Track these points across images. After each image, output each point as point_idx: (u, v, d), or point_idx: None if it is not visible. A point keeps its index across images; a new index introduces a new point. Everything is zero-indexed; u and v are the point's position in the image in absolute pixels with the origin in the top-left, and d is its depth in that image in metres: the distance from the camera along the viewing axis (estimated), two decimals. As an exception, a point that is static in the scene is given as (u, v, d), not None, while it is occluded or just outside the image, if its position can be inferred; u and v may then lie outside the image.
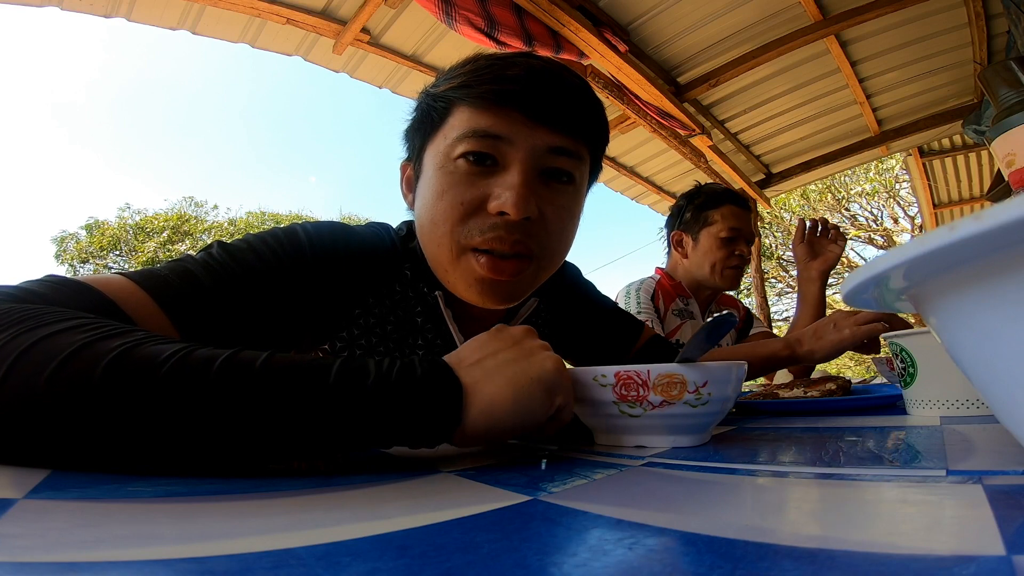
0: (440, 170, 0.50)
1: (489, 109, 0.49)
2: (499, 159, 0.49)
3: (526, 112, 0.49)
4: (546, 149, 0.50)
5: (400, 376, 0.31)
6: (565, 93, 0.51)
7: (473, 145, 0.49)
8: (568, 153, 0.51)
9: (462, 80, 0.50)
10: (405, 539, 0.18)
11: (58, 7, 1.73)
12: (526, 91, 0.49)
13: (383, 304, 0.58)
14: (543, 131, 0.49)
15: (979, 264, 0.18)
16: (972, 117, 2.37)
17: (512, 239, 0.49)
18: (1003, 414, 0.22)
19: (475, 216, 0.49)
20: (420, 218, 0.54)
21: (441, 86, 0.52)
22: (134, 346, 0.28)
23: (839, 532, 0.17)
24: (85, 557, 0.15)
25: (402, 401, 0.30)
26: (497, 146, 0.49)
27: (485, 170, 0.49)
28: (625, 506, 0.22)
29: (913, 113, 3.09)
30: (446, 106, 0.51)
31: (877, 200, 10.13)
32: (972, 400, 0.51)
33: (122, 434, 0.26)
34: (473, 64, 0.52)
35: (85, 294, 0.36)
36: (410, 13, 2.06)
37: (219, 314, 0.43)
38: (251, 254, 0.47)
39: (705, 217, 1.36)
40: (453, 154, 0.50)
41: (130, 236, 12.23)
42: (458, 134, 0.49)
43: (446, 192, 0.49)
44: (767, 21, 2.35)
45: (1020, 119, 0.53)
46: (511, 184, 0.48)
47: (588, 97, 0.53)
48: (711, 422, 0.43)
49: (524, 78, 0.49)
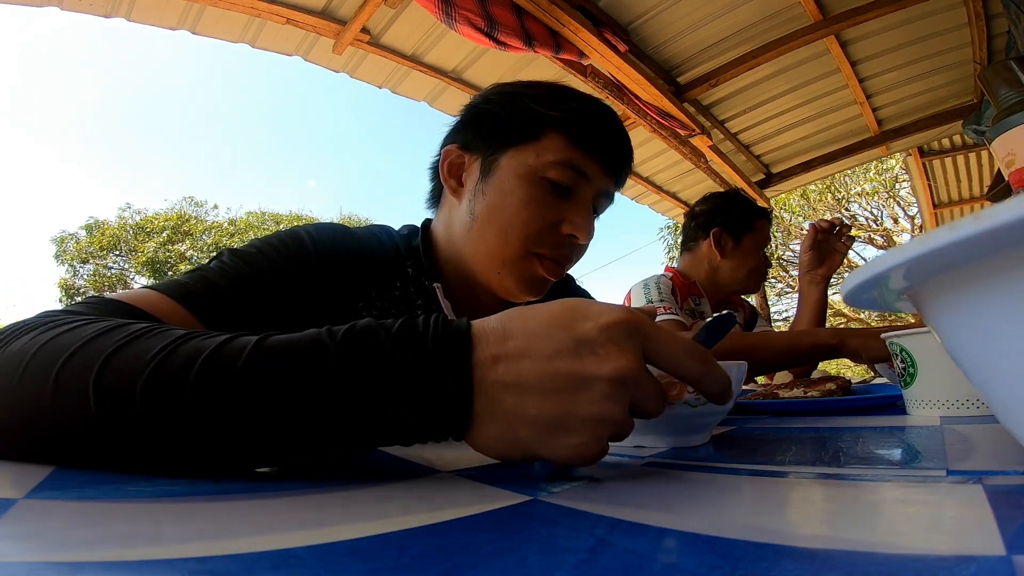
0: (525, 180, 0.58)
1: (583, 147, 0.58)
2: (574, 189, 0.59)
3: (605, 161, 0.60)
4: (603, 192, 0.62)
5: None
6: (628, 153, 0.62)
7: (563, 176, 0.58)
8: (611, 196, 0.64)
9: (567, 110, 0.58)
10: (405, 539, 0.18)
11: (58, 7, 1.73)
12: (611, 143, 0.60)
13: (384, 299, 0.60)
14: (609, 180, 0.61)
15: (979, 264, 0.18)
16: (972, 117, 2.37)
17: (569, 255, 0.61)
18: (1003, 414, 0.22)
19: (549, 232, 0.59)
20: (488, 212, 0.59)
21: (545, 106, 0.58)
22: (128, 341, 0.27)
23: (839, 532, 0.17)
24: (85, 557, 0.15)
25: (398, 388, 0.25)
26: (578, 180, 0.58)
27: (562, 196, 0.59)
28: (625, 506, 0.22)
29: (913, 113, 3.09)
30: (544, 127, 0.58)
31: (877, 200, 10.14)
32: (972, 400, 0.51)
33: (117, 432, 0.26)
34: (575, 101, 0.60)
35: (117, 307, 0.39)
36: (410, 13, 2.06)
37: (238, 313, 0.47)
38: (260, 257, 0.51)
39: (751, 223, 1.39)
40: (543, 173, 0.57)
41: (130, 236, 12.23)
42: (553, 158, 0.57)
43: (532, 205, 0.57)
44: (767, 21, 2.35)
45: (1020, 119, 0.53)
46: (584, 215, 0.59)
47: (632, 155, 0.64)
48: (711, 422, 0.42)
49: (612, 130, 0.61)
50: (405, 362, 0.25)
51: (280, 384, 0.25)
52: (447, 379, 0.25)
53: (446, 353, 0.26)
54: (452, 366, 0.26)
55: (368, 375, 0.25)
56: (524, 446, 0.26)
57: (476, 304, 0.63)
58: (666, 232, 12.25)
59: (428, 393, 0.25)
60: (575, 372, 0.25)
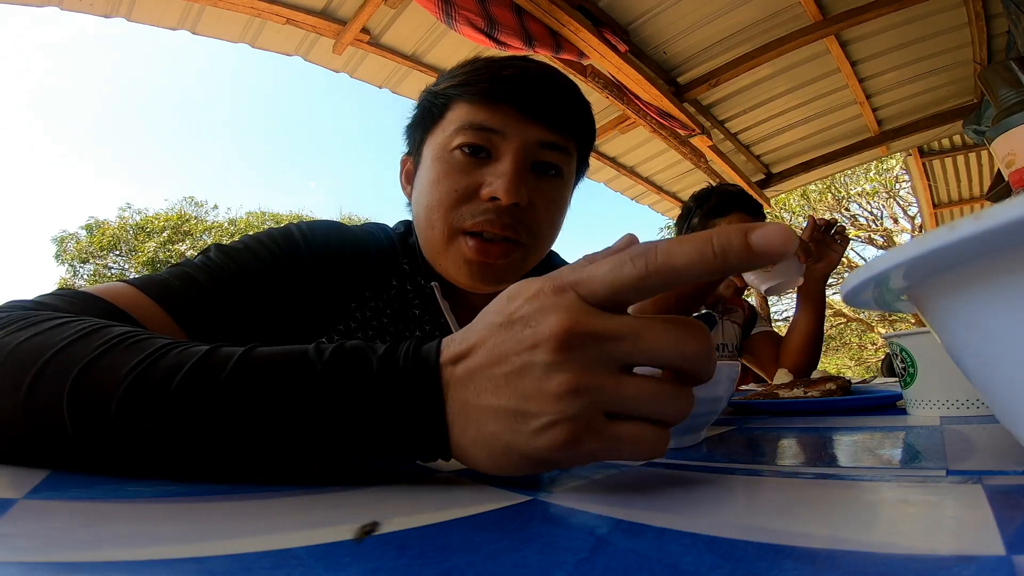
0: (437, 160, 0.54)
1: (485, 105, 0.53)
2: (493, 151, 0.53)
3: (519, 108, 0.52)
4: (537, 143, 0.53)
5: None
6: (555, 92, 0.55)
7: (469, 137, 0.52)
8: (557, 148, 0.55)
9: (461, 79, 0.54)
10: (405, 539, 0.18)
11: (58, 7, 1.73)
12: (519, 88, 0.53)
13: (379, 298, 0.59)
14: (534, 126, 0.53)
15: (979, 264, 0.18)
16: (972, 117, 2.37)
17: (501, 223, 0.52)
18: (1003, 414, 0.22)
19: (468, 202, 0.53)
20: (417, 206, 0.57)
21: (441, 84, 0.56)
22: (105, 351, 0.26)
23: (839, 532, 0.17)
24: (85, 557, 0.15)
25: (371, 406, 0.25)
26: (491, 139, 0.53)
27: (479, 161, 0.53)
28: (625, 506, 0.22)
29: (913, 113, 3.09)
30: (445, 102, 0.55)
31: (877, 200, 10.13)
32: (972, 400, 0.51)
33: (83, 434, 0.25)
34: (472, 65, 0.56)
35: (91, 303, 0.37)
36: (410, 13, 2.06)
37: (220, 313, 0.45)
38: (248, 254, 0.49)
39: (712, 225, 1.30)
40: (450, 146, 0.53)
41: (130, 236, 12.23)
42: (455, 127, 0.53)
43: (442, 179, 0.53)
44: (767, 21, 2.35)
45: (1020, 119, 0.53)
46: (502, 172, 0.51)
47: (577, 96, 0.57)
48: (699, 424, 0.41)
49: (518, 77, 0.53)
50: (383, 378, 0.25)
51: (263, 399, 0.25)
52: (413, 382, 0.25)
53: (415, 360, 0.25)
54: (418, 370, 0.25)
55: (350, 394, 0.25)
56: (503, 447, 0.24)
57: (470, 301, 0.59)
58: (666, 232, 12.27)
59: (400, 403, 0.25)
60: (515, 350, 0.23)
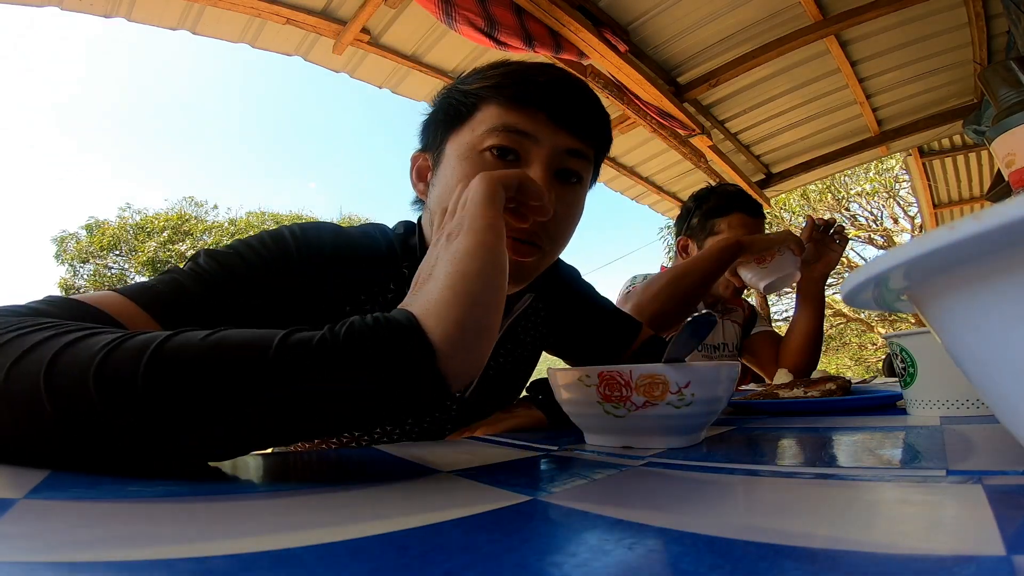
0: (464, 159, 0.54)
1: (518, 108, 0.53)
2: (522, 155, 0.53)
3: (550, 114, 0.53)
4: (564, 150, 0.54)
5: (345, 334, 0.29)
6: (584, 101, 0.56)
7: (501, 139, 0.52)
8: (580, 155, 0.56)
9: (495, 80, 0.55)
10: (405, 539, 0.18)
11: (58, 7, 1.73)
12: (552, 95, 0.54)
13: (375, 302, 0.57)
14: (563, 134, 0.54)
15: (979, 264, 0.18)
16: (972, 117, 2.37)
17: (530, 229, 0.52)
18: (1003, 414, 0.22)
19: None
20: (436, 204, 0.56)
21: (472, 84, 0.56)
22: (80, 339, 0.27)
23: (839, 532, 0.17)
24: (85, 557, 0.15)
25: (356, 354, 0.28)
26: (522, 142, 0.53)
27: (507, 164, 0.53)
28: (625, 506, 0.22)
29: (913, 113, 3.09)
30: (475, 102, 0.55)
31: (877, 200, 10.13)
32: (972, 400, 0.51)
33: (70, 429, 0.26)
34: (504, 67, 0.57)
35: (82, 309, 0.37)
36: (410, 13, 2.06)
37: (210, 319, 0.44)
38: (237, 259, 0.49)
39: (712, 225, 1.26)
40: (480, 146, 0.53)
41: (130, 236, 12.23)
42: (487, 128, 0.53)
43: (470, 178, 0.52)
44: (767, 21, 2.35)
45: (1020, 119, 0.53)
46: (536, 179, 0.51)
47: (600, 107, 0.58)
48: (698, 423, 0.41)
49: (551, 83, 0.54)
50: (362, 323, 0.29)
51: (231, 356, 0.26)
52: (386, 318, 0.30)
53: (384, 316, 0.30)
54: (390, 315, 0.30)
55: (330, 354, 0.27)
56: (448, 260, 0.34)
57: None
58: (666, 232, 12.28)
59: (380, 324, 0.29)
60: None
